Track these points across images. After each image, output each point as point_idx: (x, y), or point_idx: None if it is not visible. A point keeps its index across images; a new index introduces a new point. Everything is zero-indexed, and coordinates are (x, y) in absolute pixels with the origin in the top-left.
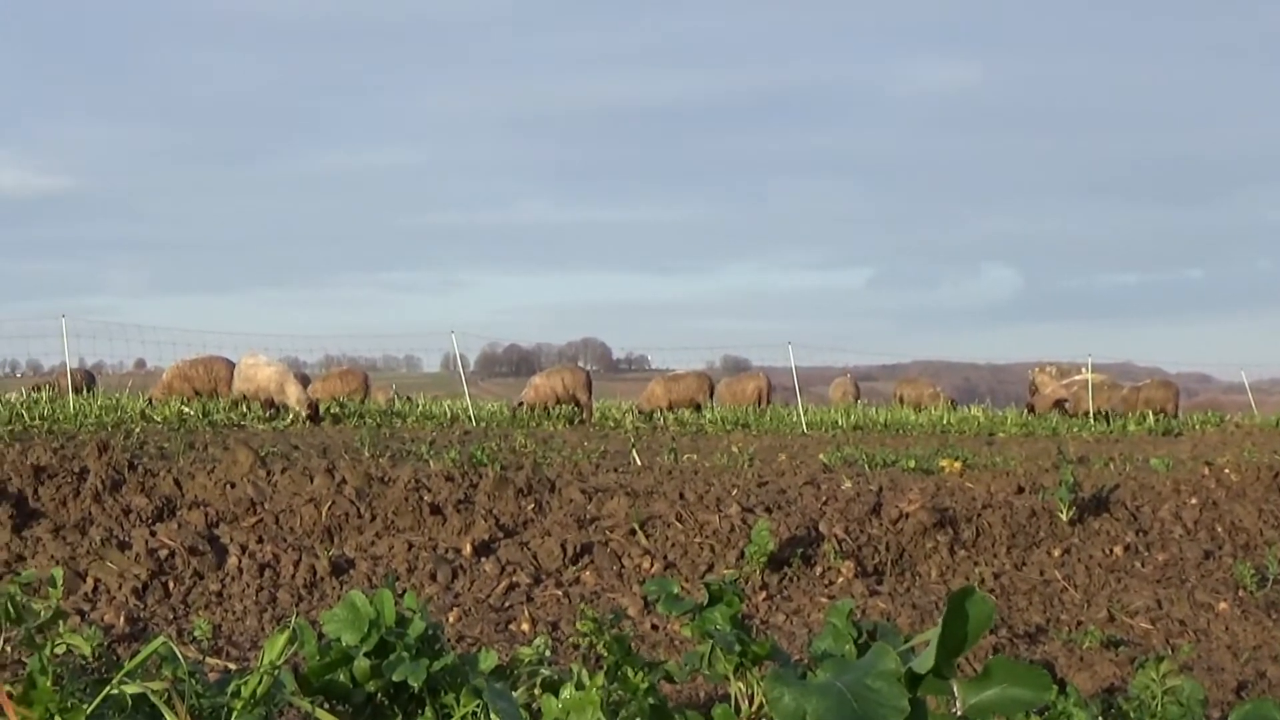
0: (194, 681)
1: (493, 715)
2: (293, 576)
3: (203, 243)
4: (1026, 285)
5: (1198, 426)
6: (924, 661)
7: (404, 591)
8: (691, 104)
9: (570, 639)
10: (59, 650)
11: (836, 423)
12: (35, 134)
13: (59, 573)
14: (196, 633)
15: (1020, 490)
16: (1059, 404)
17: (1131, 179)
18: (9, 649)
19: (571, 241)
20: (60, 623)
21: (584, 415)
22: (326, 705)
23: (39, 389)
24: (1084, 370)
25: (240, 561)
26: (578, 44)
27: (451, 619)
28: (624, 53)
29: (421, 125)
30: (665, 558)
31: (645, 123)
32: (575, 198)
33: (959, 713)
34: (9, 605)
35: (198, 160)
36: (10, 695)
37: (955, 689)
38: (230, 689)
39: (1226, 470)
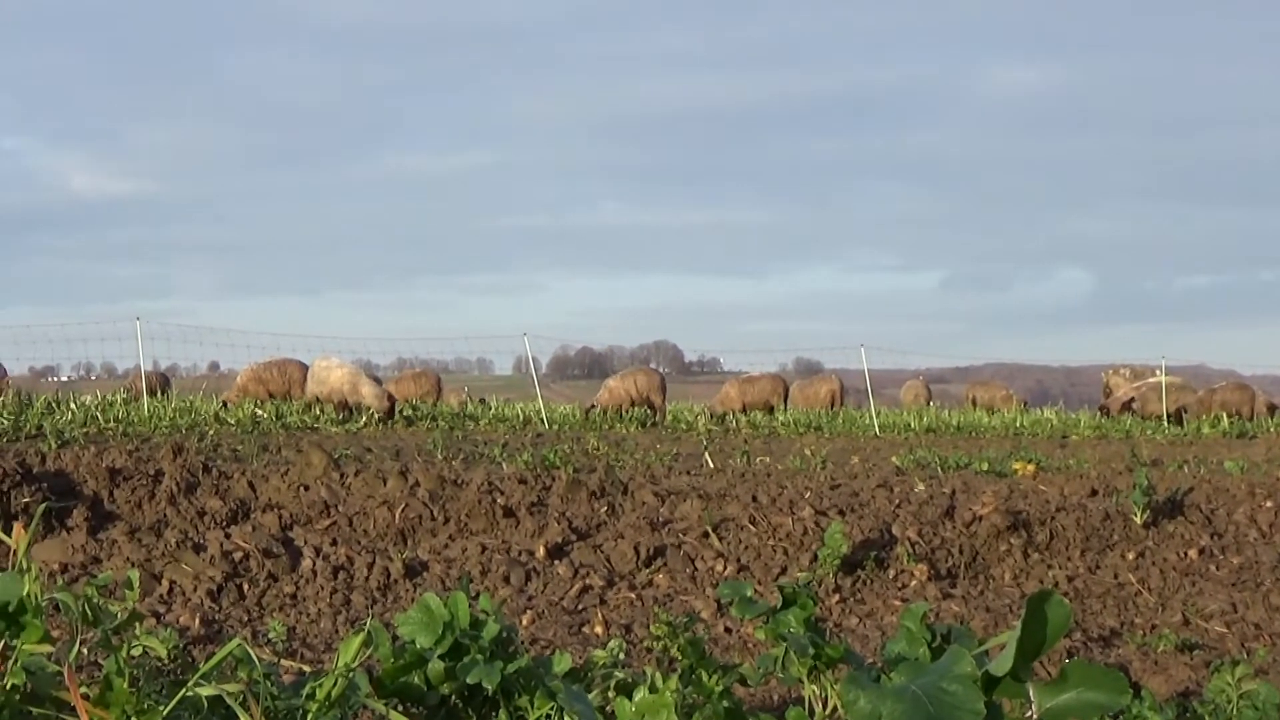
0: (269, 684)
1: (567, 718)
2: (366, 579)
3: (277, 245)
4: (1100, 287)
5: (1273, 429)
6: (1000, 664)
7: (478, 594)
8: (767, 107)
9: (644, 642)
10: (135, 652)
11: (909, 425)
12: (111, 137)
13: (135, 575)
14: (271, 635)
15: (1094, 493)
16: (1127, 405)
17: (1206, 180)
18: (85, 651)
19: (645, 244)
20: (136, 625)
21: (657, 418)
22: (401, 708)
23: (129, 390)
24: (1157, 373)
25: (314, 564)
26: (654, 47)
27: (525, 621)
28: (701, 56)
29: (497, 128)
30: (738, 560)
31: (720, 125)
32: (648, 200)
33: (1034, 716)
34: (85, 607)
35: (274, 163)
36: (86, 697)
37: (1031, 692)
38: (305, 691)
39: None
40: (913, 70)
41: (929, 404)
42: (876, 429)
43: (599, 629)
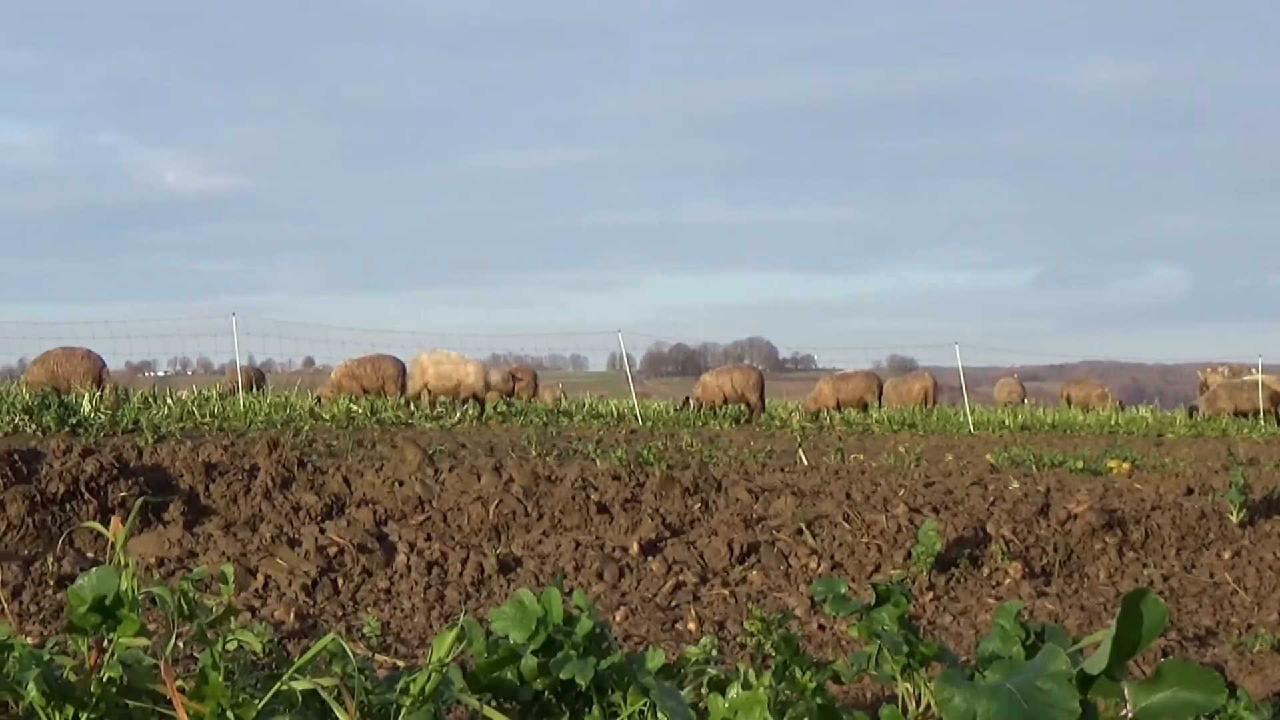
0: (363, 678)
1: (660, 714)
2: (460, 574)
3: (371, 241)
4: (1195, 284)
5: None
6: (1095, 663)
7: (571, 590)
8: (860, 103)
9: (737, 638)
10: (230, 646)
11: (1003, 423)
12: (206, 134)
13: (230, 569)
14: (365, 629)
15: (1189, 491)
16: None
17: None
18: (181, 645)
19: (738, 241)
20: (231, 619)
21: (752, 415)
22: (494, 703)
23: (224, 385)
24: (1254, 370)
25: (408, 559)
26: (746, 43)
27: (618, 618)
28: (792, 52)
29: (592, 125)
30: (832, 557)
31: (813, 121)
32: (743, 197)
33: (1130, 715)
34: (181, 601)
35: (369, 159)
36: (183, 690)
37: (1126, 691)
38: (399, 686)
39: None
40: (1005, 66)
41: (1023, 401)
42: (970, 426)
43: (692, 625)
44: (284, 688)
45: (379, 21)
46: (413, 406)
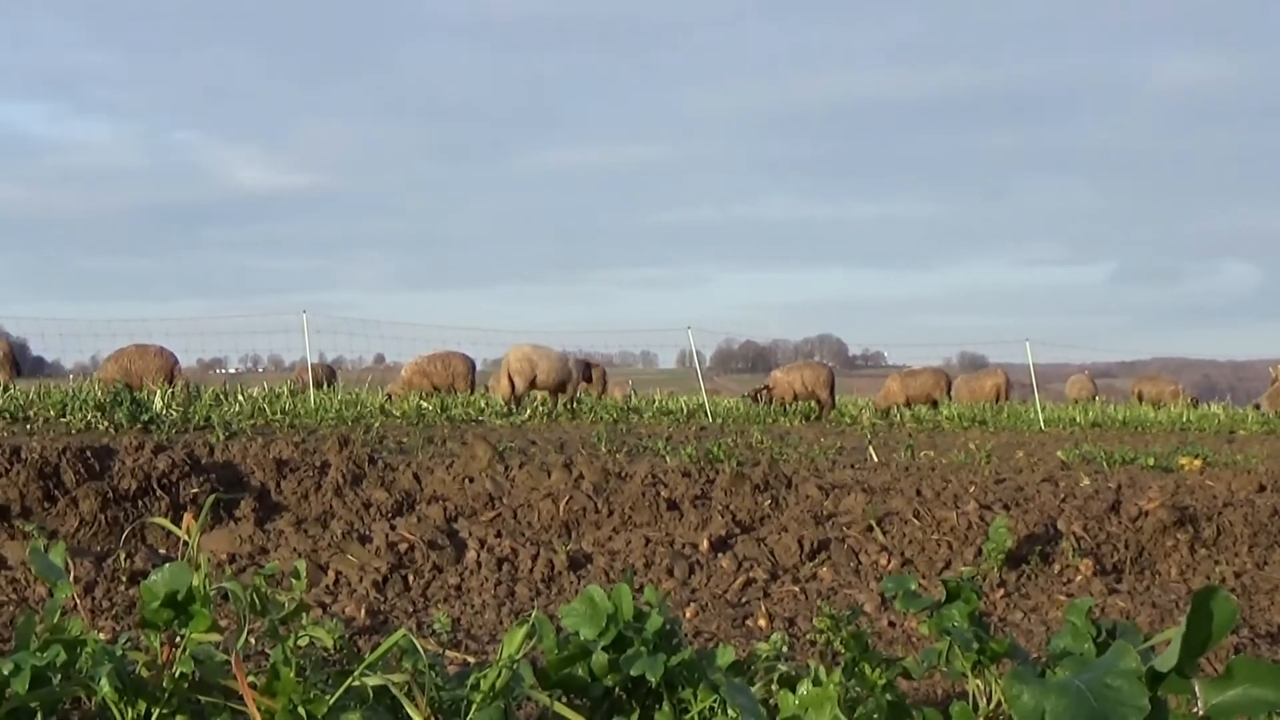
0: (434, 674)
1: (730, 710)
2: (530, 570)
3: (443, 239)
4: (1268, 281)
5: None
6: (1166, 660)
7: (641, 586)
8: (934, 100)
9: (807, 635)
10: (302, 642)
11: (1075, 420)
12: (281, 132)
13: (302, 565)
14: (436, 626)
15: (1262, 489)
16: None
17: None
18: (253, 640)
19: (810, 237)
20: (303, 615)
21: (822, 412)
22: (565, 699)
23: (295, 382)
24: None
25: (479, 555)
26: (822, 41)
27: (688, 614)
28: (868, 49)
29: (665, 122)
30: (902, 554)
31: (886, 118)
32: (814, 193)
33: (1201, 712)
34: (253, 597)
35: (442, 157)
36: (254, 686)
37: (1197, 688)
38: (470, 682)
39: None
40: (1081, 63)
41: (1094, 398)
42: (1041, 423)
43: (762, 622)
44: (355, 684)
45: (456, 18)
46: (482, 403)
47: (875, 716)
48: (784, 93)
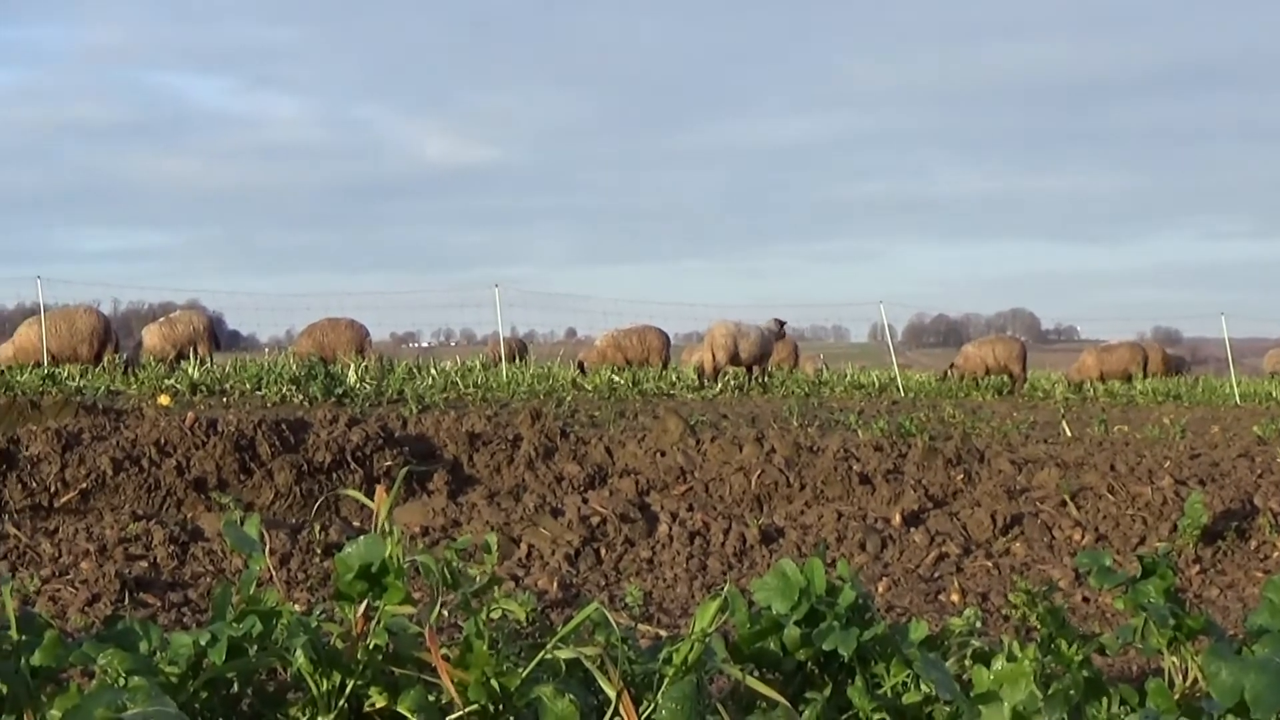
0: (626, 648)
1: (924, 685)
2: (722, 544)
3: (630, 212)
4: None
5: None
6: None
7: (833, 560)
8: (1123, 72)
9: (1000, 610)
10: (494, 615)
11: (1271, 394)
12: (468, 105)
13: (494, 538)
14: (628, 599)
15: None
16: None
17: None
18: (446, 613)
19: (999, 211)
20: (495, 588)
21: (1014, 387)
22: (757, 673)
23: (488, 355)
24: None
25: (670, 529)
26: (1006, 12)
27: (881, 589)
28: (1053, 20)
29: (848, 94)
30: (1096, 529)
31: (1075, 91)
32: (1003, 167)
33: None
34: (446, 570)
35: (628, 129)
36: (447, 658)
37: None
38: (662, 655)
39: None
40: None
41: None
42: (1237, 398)
43: (955, 597)
44: (548, 656)
45: None
46: (674, 377)
47: (1071, 692)
48: (968, 65)
